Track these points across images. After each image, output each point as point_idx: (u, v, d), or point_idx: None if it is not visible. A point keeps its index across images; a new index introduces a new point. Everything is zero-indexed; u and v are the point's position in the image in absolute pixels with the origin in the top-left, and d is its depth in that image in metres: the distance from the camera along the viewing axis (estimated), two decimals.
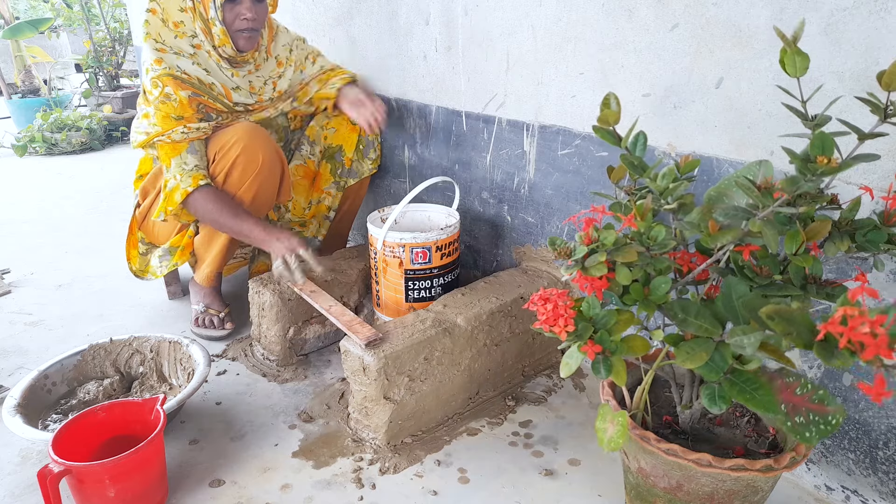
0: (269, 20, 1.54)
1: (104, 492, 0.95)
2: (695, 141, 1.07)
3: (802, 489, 1.06)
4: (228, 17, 1.37)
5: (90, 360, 1.31)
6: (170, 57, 1.35)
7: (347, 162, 1.70)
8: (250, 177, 1.41)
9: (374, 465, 1.13)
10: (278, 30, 1.58)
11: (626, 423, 0.76)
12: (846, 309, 0.53)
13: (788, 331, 0.56)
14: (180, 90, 1.34)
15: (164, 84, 1.33)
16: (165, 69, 1.34)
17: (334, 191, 1.73)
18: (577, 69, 1.23)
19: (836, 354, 0.54)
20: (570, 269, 0.73)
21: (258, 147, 1.41)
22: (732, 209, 0.67)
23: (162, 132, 1.35)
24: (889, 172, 0.84)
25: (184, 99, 1.35)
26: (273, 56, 1.55)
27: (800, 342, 0.56)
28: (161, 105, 1.34)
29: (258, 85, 1.51)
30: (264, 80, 1.52)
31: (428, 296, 1.38)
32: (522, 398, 1.32)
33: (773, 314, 0.56)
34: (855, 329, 0.51)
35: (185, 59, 1.37)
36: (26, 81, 4.46)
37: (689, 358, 0.67)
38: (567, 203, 1.35)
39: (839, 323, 0.52)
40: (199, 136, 1.38)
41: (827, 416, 0.70)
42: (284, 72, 1.56)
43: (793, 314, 0.56)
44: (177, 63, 1.35)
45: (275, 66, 1.55)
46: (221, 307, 1.61)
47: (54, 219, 2.50)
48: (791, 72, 0.69)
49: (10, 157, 3.61)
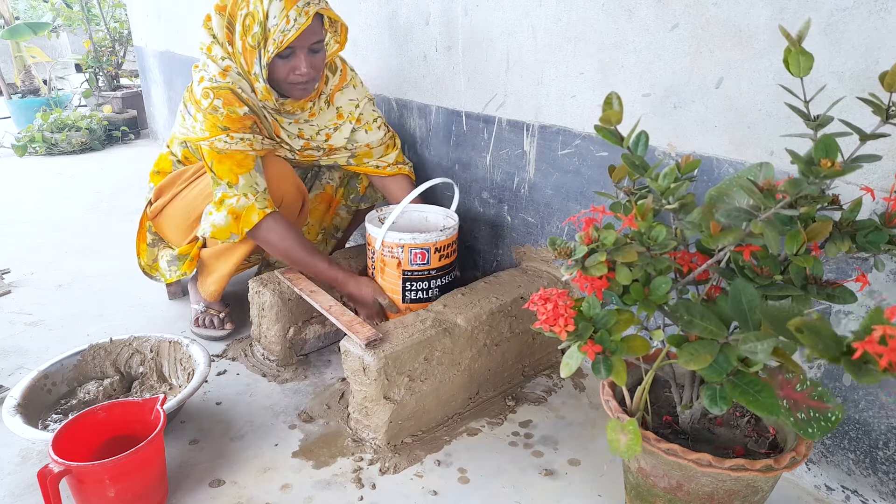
0: (345, 69, 1.48)
1: (104, 492, 0.95)
2: (695, 141, 1.07)
3: (802, 489, 1.06)
4: (281, 73, 1.29)
5: (90, 360, 1.31)
6: (235, 74, 1.32)
7: (362, 189, 1.69)
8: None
9: (374, 465, 1.13)
10: (351, 81, 1.50)
11: (637, 430, 0.75)
12: (886, 329, 0.52)
13: (816, 344, 0.55)
14: (237, 106, 1.30)
15: (215, 95, 1.29)
16: (229, 83, 1.30)
17: (344, 213, 1.73)
18: (577, 69, 1.23)
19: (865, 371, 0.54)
20: (570, 269, 0.73)
21: (282, 189, 1.42)
22: (734, 210, 0.67)
23: (208, 137, 1.32)
24: (890, 173, 0.84)
25: (237, 115, 1.31)
26: (335, 106, 1.47)
27: (827, 355, 0.55)
28: (209, 115, 1.31)
29: (309, 133, 1.46)
30: (318, 130, 1.47)
31: (425, 297, 1.38)
32: (522, 398, 1.32)
33: (801, 327, 0.55)
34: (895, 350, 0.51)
35: (246, 83, 1.33)
36: (26, 81, 4.46)
37: (692, 359, 0.66)
38: (567, 203, 1.35)
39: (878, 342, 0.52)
40: (241, 147, 1.33)
41: (827, 412, 0.72)
42: (342, 126, 1.49)
43: (820, 327, 0.55)
44: (239, 83, 1.32)
45: (334, 116, 1.48)
46: (221, 307, 1.61)
47: (54, 219, 2.50)
48: (795, 72, 0.69)
49: (10, 157, 3.61)
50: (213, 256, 1.51)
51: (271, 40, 1.23)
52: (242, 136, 1.32)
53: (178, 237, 1.57)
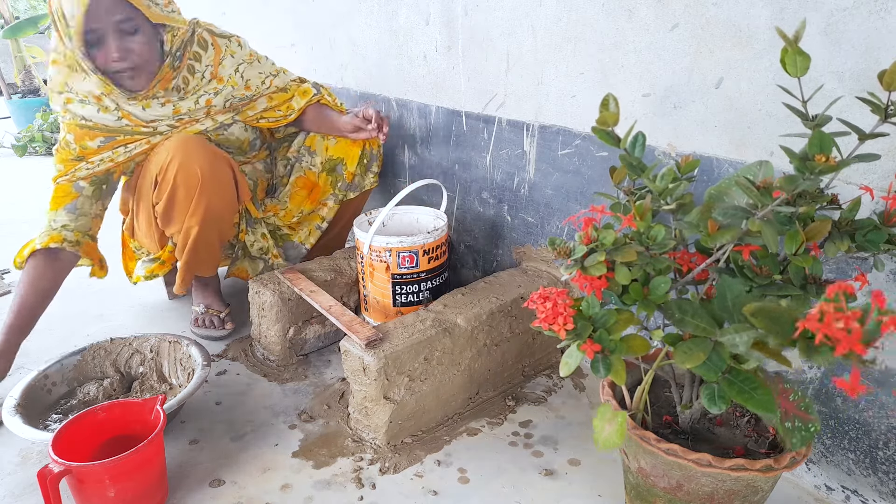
0: (215, 41, 1.44)
1: (104, 492, 0.95)
2: (695, 141, 1.07)
3: (802, 489, 1.06)
4: (101, 61, 1.26)
5: (90, 360, 1.31)
6: (76, 105, 1.32)
7: (349, 176, 1.64)
8: (195, 193, 1.35)
9: (374, 465, 1.13)
10: (228, 50, 1.46)
11: (624, 424, 0.76)
12: (823, 305, 0.53)
13: (771, 328, 0.56)
14: (87, 140, 1.32)
15: (67, 130, 1.31)
16: (71, 119, 1.32)
17: (332, 203, 1.68)
18: (577, 69, 1.23)
19: (817, 351, 0.54)
20: (569, 269, 0.73)
21: (193, 160, 1.33)
22: (732, 209, 0.67)
23: (64, 172, 1.33)
24: (889, 172, 0.84)
25: (91, 148, 1.32)
26: (217, 77, 1.44)
27: (783, 339, 0.56)
28: (61, 150, 1.33)
29: (186, 106, 1.41)
30: (195, 100, 1.42)
31: (416, 300, 1.38)
32: (522, 398, 1.32)
33: (755, 311, 0.57)
34: (829, 325, 0.52)
35: (91, 105, 1.32)
36: (26, 81, 4.46)
37: (687, 357, 0.67)
38: (567, 203, 1.35)
39: (817, 320, 0.53)
40: (106, 167, 1.33)
41: (808, 423, 0.76)
42: (222, 90, 1.45)
43: (777, 311, 0.56)
44: (81, 113, 1.32)
45: (215, 84, 1.44)
46: (221, 307, 1.61)
47: None
48: (792, 72, 0.69)
49: (10, 157, 3.61)
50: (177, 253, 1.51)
51: (72, 27, 1.20)
52: (101, 157, 1.33)
53: (154, 246, 1.55)
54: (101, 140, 1.32)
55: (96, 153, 1.33)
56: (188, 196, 1.35)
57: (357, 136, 1.57)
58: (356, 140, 1.60)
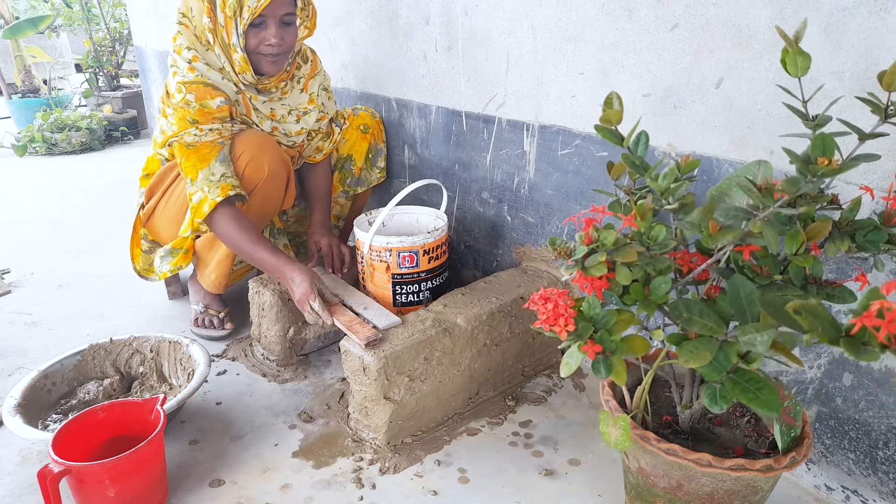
0: (315, 59, 1.55)
1: (104, 492, 0.95)
2: (695, 141, 1.07)
3: (802, 489, 1.06)
4: (252, 42, 1.33)
5: (90, 360, 1.31)
6: (201, 66, 1.35)
7: (357, 171, 1.71)
8: (255, 185, 1.42)
9: (374, 465, 1.13)
10: (321, 72, 1.56)
11: (628, 426, 0.77)
12: (883, 303, 0.53)
13: (815, 326, 0.56)
14: (208, 98, 1.33)
15: (187, 90, 1.33)
16: (198, 76, 1.34)
17: (343, 200, 1.74)
18: (577, 69, 1.23)
19: (863, 350, 0.54)
20: (570, 269, 0.73)
21: (265, 159, 1.41)
22: (733, 209, 0.67)
23: (177, 133, 1.36)
24: (889, 172, 0.84)
25: (209, 108, 1.34)
26: (308, 92, 1.52)
27: (825, 338, 0.55)
28: (179, 108, 1.34)
29: (280, 113, 1.49)
30: (289, 110, 1.50)
31: (416, 300, 1.38)
32: (522, 398, 1.32)
33: (800, 309, 0.56)
34: (893, 322, 0.52)
35: (216, 73, 1.37)
36: (26, 81, 4.46)
37: (692, 357, 0.66)
38: (567, 203, 1.35)
39: (875, 316, 0.53)
40: (211, 138, 1.36)
41: (792, 428, 0.79)
42: (311, 111, 1.53)
43: (818, 310, 0.56)
44: (208, 74, 1.35)
45: (306, 101, 1.52)
46: (221, 307, 1.61)
47: (54, 219, 2.50)
48: (792, 72, 0.69)
49: (10, 157, 3.61)
50: (205, 247, 1.52)
51: (246, 7, 1.28)
52: (211, 126, 1.35)
53: (173, 231, 1.56)
54: (220, 100, 1.35)
55: (209, 118, 1.35)
56: (247, 187, 1.42)
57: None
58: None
